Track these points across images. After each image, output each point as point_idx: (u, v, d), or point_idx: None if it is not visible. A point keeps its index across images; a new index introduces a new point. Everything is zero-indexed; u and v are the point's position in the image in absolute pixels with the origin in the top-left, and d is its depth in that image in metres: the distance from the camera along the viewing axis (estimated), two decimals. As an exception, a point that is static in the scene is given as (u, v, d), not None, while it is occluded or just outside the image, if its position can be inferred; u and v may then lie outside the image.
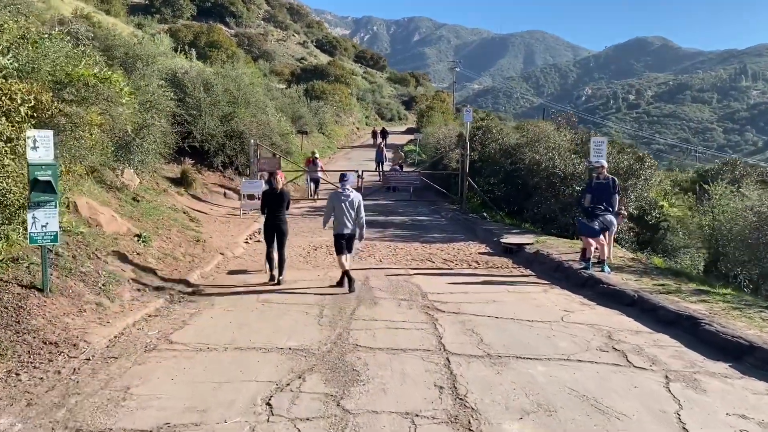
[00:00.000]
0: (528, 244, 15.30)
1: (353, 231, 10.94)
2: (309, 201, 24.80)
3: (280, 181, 11.59)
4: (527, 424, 5.28)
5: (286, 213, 11.56)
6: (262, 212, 11.62)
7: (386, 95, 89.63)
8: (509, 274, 12.92)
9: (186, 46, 42.11)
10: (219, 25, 78.30)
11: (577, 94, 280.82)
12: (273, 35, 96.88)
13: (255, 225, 17.48)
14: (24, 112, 7.96)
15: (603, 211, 12.23)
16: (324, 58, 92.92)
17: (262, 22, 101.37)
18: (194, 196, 21.11)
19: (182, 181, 21.24)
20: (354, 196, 10.92)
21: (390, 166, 31.80)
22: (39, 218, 8.07)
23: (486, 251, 15.62)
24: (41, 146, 7.92)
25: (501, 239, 16.16)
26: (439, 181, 25.45)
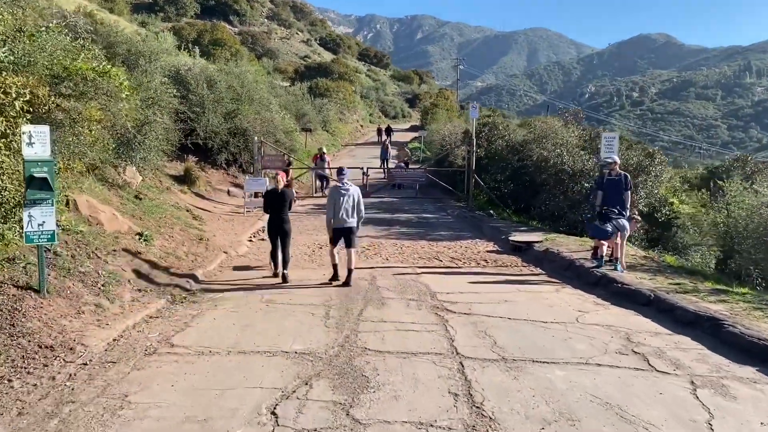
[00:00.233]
0: (537, 242, 15.00)
1: (353, 225, 10.98)
2: (314, 198, 24.49)
3: (281, 181, 11.67)
4: (549, 435, 4.97)
5: (289, 212, 11.57)
6: (265, 212, 11.67)
7: (390, 93, 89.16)
8: (519, 273, 12.61)
9: (189, 44, 41.79)
10: (222, 23, 78.02)
11: (581, 92, 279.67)
12: (276, 33, 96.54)
13: (259, 223, 17.20)
14: (19, 107, 7.66)
15: (617, 215, 11.89)
16: (327, 56, 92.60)
17: (266, 20, 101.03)
18: (198, 194, 20.85)
19: (185, 179, 20.98)
20: (353, 190, 10.98)
21: (395, 164, 31.54)
22: (35, 217, 7.78)
23: (494, 249, 15.32)
24: (37, 142, 7.62)
25: (509, 237, 15.88)
26: (445, 178, 25.16)
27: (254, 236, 16.23)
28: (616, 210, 11.92)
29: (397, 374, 6.21)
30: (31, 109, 8.22)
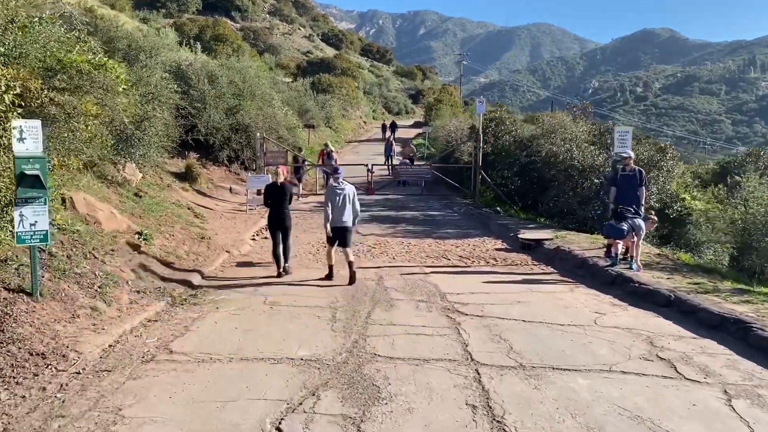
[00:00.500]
0: (547, 240, 14.62)
1: (349, 223, 11.04)
2: (318, 195, 24.07)
3: (282, 175, 11.68)
4: (577, 452, 4.59)
5: (289, 207, 11.61)
6: (265, 205, 11.78)
7: (393, 89, 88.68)
8: (530, 272, 12.24)
9: (191, 40, 41.35)
10: (224, 19, 77.55)
11: (584, 87, 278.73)
12: (278, 29, 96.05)
13: (262, 221, 16.82)
14: (9, 100, 7.26)
15: (633, 214, 11.49)
16: (330, 52, 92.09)
17: (268, 16, 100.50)
18: (199, 192, 20.47)
19: (187, 176, 20.59)
20: (348, 190, 11.04)
21: (399, 160, 31.14)
22: (27, 216, 7.40)
23: (503, 247, 14.96)
24: (29, 138, 7.24)
25: (518, 234, 15.49)
26: (451, 175, 24.71)
27: (257, 234, 15.87)
28: (632, 209, 11.53)
29: (410, 383, 5.83)
30: (23, 103, 7.84)
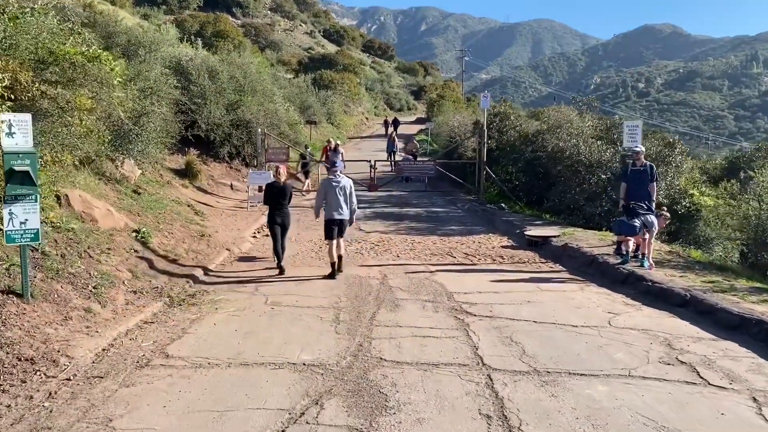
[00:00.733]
0: (554, 237, 14.30)
1: (345, 216, 11.02)
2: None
3: (283, 174, 11.67)
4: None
5: (289, 206, 11.64)
6: (265, 204, 11.79)
7: (395, 85, 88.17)
8: (538, 270, 11.93)
9: (192, 37, 40.98)
10: (225, 15, 77.03)
11: (586, 83, 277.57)
12: (280, 25, 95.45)
13: (263, 218, 16.48)
14: (-3, 93, 6.95)
15: (645, 211, 11.16)
16: (331, 48, 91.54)
17: (269, 12, 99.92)
18: (200, 188, 20.18)
19: (187, 173, 20.30)
20: (345, 182, 11.05)
21: (402, 156, 30.85)
22: (17, 214, 7.08)
23: (509, 244, 14.66)
24: (18, 132, 6.93)
25: (524, 231, 15.20)
26: (454, 171, 24.38)
27: (258, 232, 15.57)
28: (645, 205, 11.20)
29: (419, 391, 5.50)
30: (13, 96, 7.52)
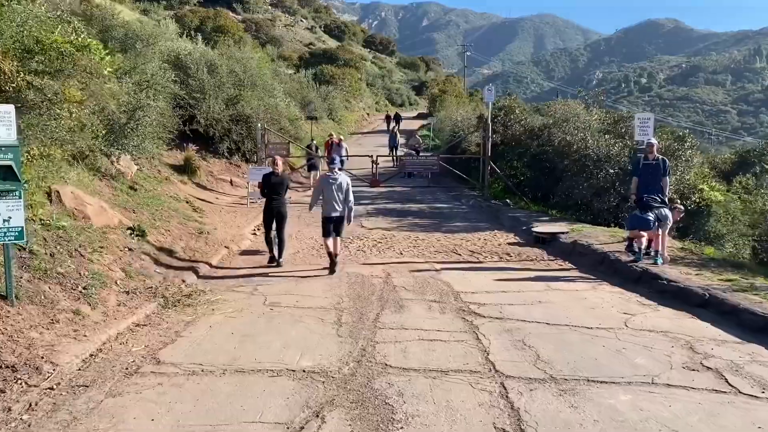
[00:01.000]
0: (562, 233, 13.91)
1: (342, 214, 10.91)
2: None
3: (281, 166, 11.76)
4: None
5: (286, 198, 11.71)
6: (263, 195, 11.77)
7: (396, 80, 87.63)
8: (547, 268, 11.53)
9: (192, 31, 40.56)
10: (226, 11, 76.56)
11: (588, 78, 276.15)
12: (280, 20, 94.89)
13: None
14: (-22, 83, 6.56)
15: (659, 204, 10.76)
16: (332, 43, 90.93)
17: (270, 7, 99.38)
18: (198, 185, 19.82)
19: (185, 169, 19.94)
20: (342, 179, 10.94)
21: (404, 152, 30.48)
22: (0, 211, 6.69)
23: (515, 241, 14.28)
24: (0, 124, 6.53)
25: (531, 228, 14.83)
26: (458, 166, 23.96)
27: (258, 229, 15.15)
28: (659, 198, 10.80)
29: (428, 401, 5.09)
30: (-4, 87, 7.12)
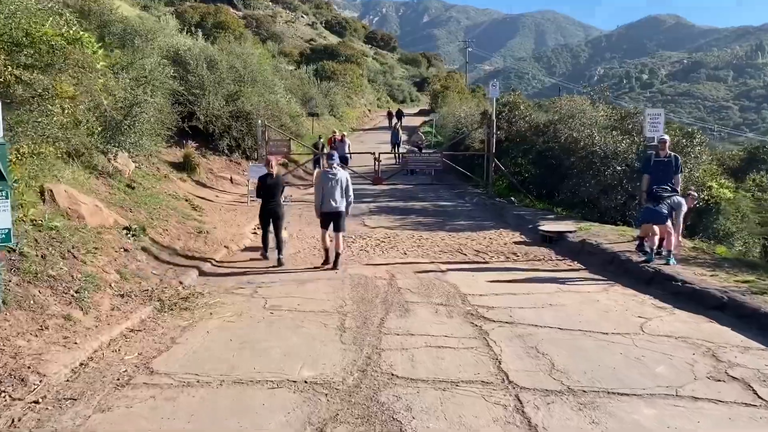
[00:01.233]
0: (570, 232, 13.57)
1: (341, 209, 10.95)
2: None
3: (275, 167, 11.75)
4: None
5: (282, 198, 11.89)
6: (258, 197, 11.82)
7: (398, 76, 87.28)
8: (556, 268, 11.18)
9: (192, 28, 40.24)
10: (226, 7, 76.12)
11: (590, 74, 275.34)
12: (281, 17, 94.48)
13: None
14: (-39, 77, 6.22)
15: (671, 192, 10.42)
16: (333, 40, 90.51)
17: (270, 4, 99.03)
18: (198, 182, 19.48)
19: (185, 166, 19.59)
20: (341, 175, 11.00)
21: (406, 149, 30.14)
22: (-15, 212, 6.35)
23: (521, 240, 13.93)
24: (-14, 121, 6.20)
25: (537, 226, 14.47)
26: (461, 163, 23.60)
27: (258, 228, 14.84)
28: (669, 187, 10.48)
29: (438, 417, 4.75)
30: (-18, 81, 6.79)
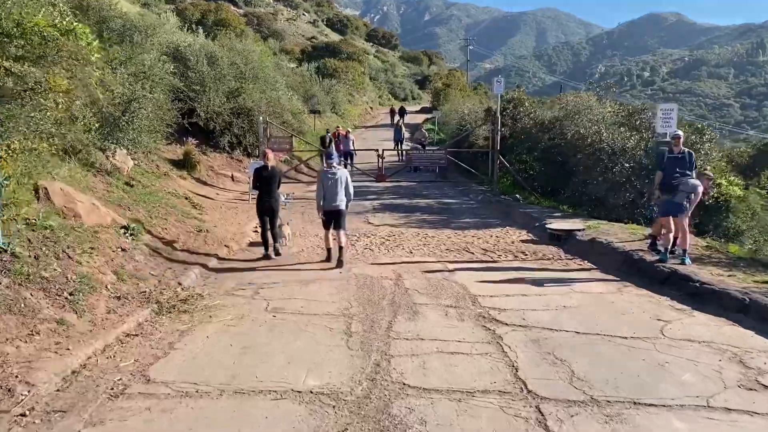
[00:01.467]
0: (578, 230, 13.23)
1: (342, 207, 11.00)
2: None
3: (272, 159, 11.61)
4: None
5: (282, 195, 11.92)
6: (254, 188, 11.85)
7: (399, 74, 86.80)
8: (566, 268, 10.85)
9: (193, 25, 39.89)
10: (227, 4, 75.74)
11: (591, 72, 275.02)
12: (283, 14, 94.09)
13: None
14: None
15: (682, 176, 10.11)
16: (335, 37, 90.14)
17: (271, 1, 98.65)
18: (199, 180, 19.16)
19: (185, 164, 19.26)
20: (340, 173, 11.09)
21: (409, 146, 29.83)
22: (-28, 211, 6.04)
23: (529, 239, 13.60)
24: (-28, 115, 5.88)
25: (545, 224, 14.11)
26: (465, 160, 23.28)
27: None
28: (680, 172, 10.17)
29: (455, 431, 4.44)
30: (-31, 74, 6.46)
